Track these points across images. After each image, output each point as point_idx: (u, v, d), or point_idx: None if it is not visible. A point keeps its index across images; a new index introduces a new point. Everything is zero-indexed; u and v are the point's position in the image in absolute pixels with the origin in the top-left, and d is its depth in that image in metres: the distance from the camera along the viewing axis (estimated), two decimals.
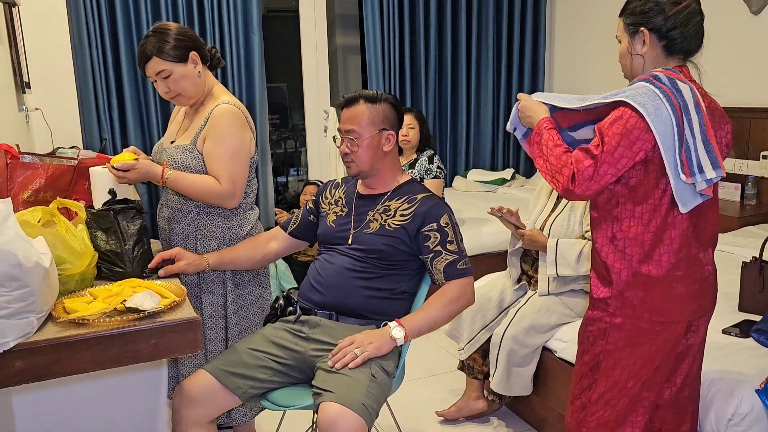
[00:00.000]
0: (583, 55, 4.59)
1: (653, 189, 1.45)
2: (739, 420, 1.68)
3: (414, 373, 2.84)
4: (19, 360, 1.25)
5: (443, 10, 4.46)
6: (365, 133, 1.81)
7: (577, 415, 1.62)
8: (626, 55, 1.55)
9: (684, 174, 1.39)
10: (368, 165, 1.84)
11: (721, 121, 1.53)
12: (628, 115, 1.40)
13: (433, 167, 3.28)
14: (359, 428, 1.52)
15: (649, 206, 1.47)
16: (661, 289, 1.48)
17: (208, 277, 1.97)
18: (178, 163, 1.91)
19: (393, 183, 1.89)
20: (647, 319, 1.50)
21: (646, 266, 1.48)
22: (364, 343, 1.66)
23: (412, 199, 1.83)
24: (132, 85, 3.64)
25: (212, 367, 1.73)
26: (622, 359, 1.53)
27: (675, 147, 1.38)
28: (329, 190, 2.01)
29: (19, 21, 3.02)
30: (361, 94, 1.84)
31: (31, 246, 1.24)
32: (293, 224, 2.02)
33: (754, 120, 3.48)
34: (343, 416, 1.51)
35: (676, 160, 1.39)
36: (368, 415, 1.55)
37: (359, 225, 1.85)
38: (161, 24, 1.91)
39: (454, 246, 1.78)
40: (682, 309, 1.51)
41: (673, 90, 1.40)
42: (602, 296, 1.54)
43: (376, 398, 1.60)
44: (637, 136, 1.39)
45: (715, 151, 1.41)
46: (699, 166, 1.39)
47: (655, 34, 1.49)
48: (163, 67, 1.86)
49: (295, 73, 4.38)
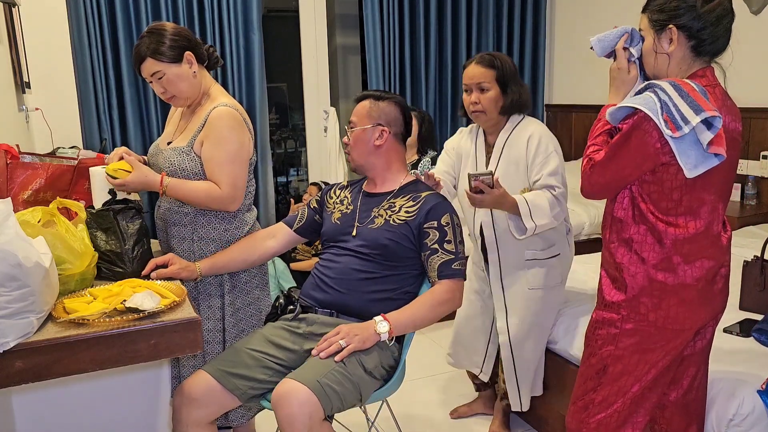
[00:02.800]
0: (583, 56, 4.58)
1: (673, 198, 1.44)
2: (740, 420, 1.67)
3: (414, 373, 2.84)
4: (19, 360, 1.25)
5: (443, 10, 4.46)
6: (360, 124, 1.87)
7: (578, 416, 1.62)
8: (650, 53, 1.49)
9: (670, 130, 1.34)
10: (361, 158, 1.89)
11: (736, 119, 1.49)
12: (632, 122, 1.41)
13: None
14: (310, 404, 1.51)
15: (665, 215, 1.45)
16: (676, 298, 1.47)
17: (205, 279, 1.97)
18: (174, 165, 1.90)
19: (398, 182, 1.91)
20: (660, 327, 1.48)
21: (662, 273, 1.46)
22: (349, 335, 1.67)
23: (416, 197, 1.85)
24: (132, 85, 3.64)
25: (212, 368, 1.73)
26: (630, 365, 1.52)
27: (658, 111, 1.35)
28: (335, 190, 2.03)
29: (19, 21, 3.02)
30: (371, 93, 1.91)
31: (31, 246, 1.24)
32: (299, 221, 2.02)
33: (754, 120, 3.48)
34: (295, 391, 1.52)
35: (660, 121, 1.35)
36: (323, 394, 1.54)
37: (364, 220, 1.87)
38: (156, 24, 1.89)
39: (451, 246, 1.78)
40: (695, 317, 1.49)
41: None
42: (614, 299, 1.52)
43: (338, 381, 1.58)
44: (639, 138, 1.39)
45: (695, 100, 1.34)
46: (683, 118, 1.33)
47: (684, 32, 1.43)
48: (157, 68, 1.85)
49: (295, 73, 4.38)
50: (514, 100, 2.11)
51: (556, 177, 2.05)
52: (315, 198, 2.05)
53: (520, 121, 2.16)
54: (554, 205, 2.03)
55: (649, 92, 1.38)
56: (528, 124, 2.15)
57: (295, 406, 1.51)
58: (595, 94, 4.38)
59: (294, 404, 1.51)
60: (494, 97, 2.10)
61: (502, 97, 2.11)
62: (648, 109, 1.36)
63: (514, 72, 2.12)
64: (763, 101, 3.44)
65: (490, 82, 2.09)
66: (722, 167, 1.43)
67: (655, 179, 1.44)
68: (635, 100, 1.39)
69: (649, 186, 1.45)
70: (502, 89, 2.10)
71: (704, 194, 1.44)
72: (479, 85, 2.09)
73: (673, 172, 1.41)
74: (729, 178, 1.51)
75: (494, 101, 2.10)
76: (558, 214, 2.04)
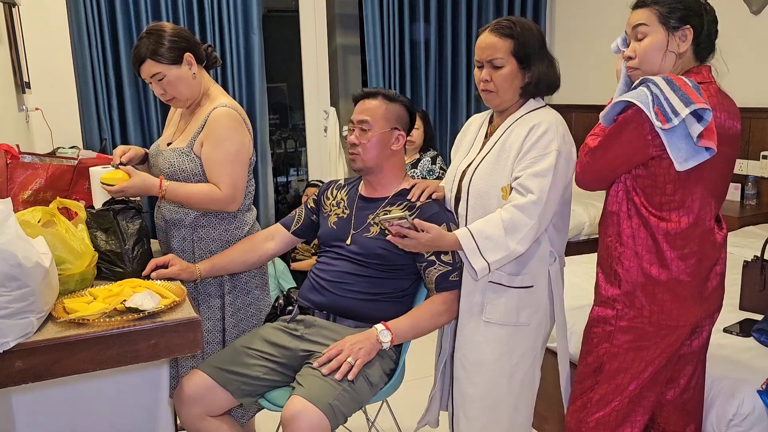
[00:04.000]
0: (583, 56, 4.58)
1: (666, 193, 1.44)
2: (740, 420, 1.67)
3: (414, 373, 2.84)
4: (19, 360, 1.25)
5: (443, 10, 4.46)
6: (377, 126, 1.80)
7: (577, 415, 1.62)
8: (659, 50, 1.45)
9: (660, 122, 1.34)
10: (373, 161, 1.82)
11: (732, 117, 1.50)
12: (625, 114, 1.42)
13: (436, 168, 3.28)
14: (320, 428, 1.51)
15: (658, 210, 1.46)
16: (670, 294, 1.47)
17: (204, 280, 1.97)
18: (174, 166, 1.90)
19: (395, 187, 1.87)
20: (654, 322, 1.49)
21: (656, 268, 1.47)
22: (354, 350, 1.65)
23: (412, 206, 1.81)
24: (132, 85, 3.64)
25: (207, 366, 1.75)
26: (626, 362, 1.52)
27: (650, 104, 1.36)
28: (331, 190, 1.99)
29: (19, 21, 3.01)
30: (380, 91, 1.84)
31: (31, 246, 1.24)
32: (296, 223, 2.01)
33: (754, 120, 3.48)
34: (306, 412, 1.51)
35: (651, 113, 1.35)
36: (333, 416, 1.54)
37: (359, 227, 1.84)
38: (156, 24, 1.88)
39: (448, 257, 1.75)
40: (689, 313, 1.50)
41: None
42: (609, 294, 1.53)
43: (346, 403, 1.59)
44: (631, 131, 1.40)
45: (686, 93, 1.34)
46: (673, 110, 1.34)
47: (695, 32, 1.44)
48: (157, 70, 1.84)
49: (295, 73, 4.38)
50: (537, 80, 1.65)
51: (539, 180, 1.57)
52: (312, 197, 2.03)
53: (536, 109, 1.69)
54: (517, 226, 1.56)
55: (642, 86, 1.39)
56: (545, 113, 1.67)
57: (305, 429, 1.51)
58: (595, 94, 4.38)
59: (305, 428, 1.51)
60: (509, 75, 1.64)
61: (520, 75, 1.65)
62: (639, 101, 1.37)
63: (539, 44, 1.66)
64: (763, 101, 3.44)
65: (504, 55, 1.63)
66: (717, 164, 1.43)
67: (648, 173, 1.44)
68: (628, 95, 1.40)
69: (643, 180, 1.46)
70: (522, 65, 1.65)
71: (697, 190, 1.44)
72: (491, 60, 1.64)
73: (666, 166, 1.41)
74: (725, 176, 1.51)
75: (509, 80, 1.65)
76: (526, 237, 1.57)
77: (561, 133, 1.62)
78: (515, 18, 1.66)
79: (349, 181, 2.01)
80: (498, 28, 1.64)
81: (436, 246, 1.61)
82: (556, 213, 1.66)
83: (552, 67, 1.68)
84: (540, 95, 1.70)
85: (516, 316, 1.70)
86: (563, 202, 1.69)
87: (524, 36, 1.63)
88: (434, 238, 1.57)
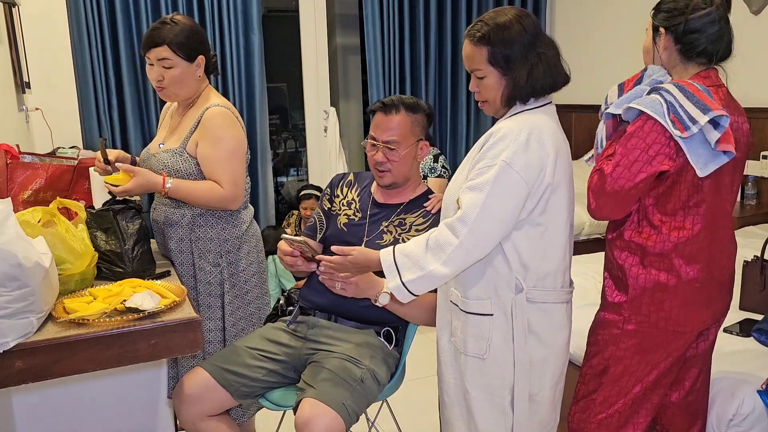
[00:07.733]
0: (582, 56, 4.58)
1: (681, 199, 1.44)
2: (740, 420, 1.67)
3: (414, 373, 2.84)
4: (19, 360, 1.25)
5: (443, 10, 4.46)
6: (405, 143, 1.77)
7: (579, 416, 1.62)
8: (648, 52, 1.56)
9: (678, 130, 1.36)
10: (403, 176, 1.81)
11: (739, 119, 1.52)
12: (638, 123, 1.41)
13: (438, 166, 3.28)
14: (336, 427, 1.51)
15: (671, 217, 1.45)
16: (678, 299, 1.47)
17: (205, 279, 1.97)
18: (168, 167, 1.89)
19: (411, 193, 1.86)
20: (661, 327, 1.48)
21: (664, 275, 1.46)
22: (349, 286, 1.61)
23: (427, 213, 1.81)
24: (132, 85, 3.64)
25: (208, 364, 1.75)
26: (631, 366, 1.52)
27: (665, 113, 1.37)
28: (341, 187, 1.97)
29: (19, 21, 3.02)
30: (402, 101, 1.77)
31: (31, 246, 1.24)
32: (321, 231, 1.94)
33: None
34: (321, 414, 1.51)
35: (668, 122, 1.36)
36: (347, 416, 1.54)
37: (372, 234, 1.83)
38: (182, 16, 1.89)
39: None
40: (696, 319, 1.50)
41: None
42: (617, 300, 1.53)
43: (358, 402, 1.59)
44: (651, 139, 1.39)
45: (701, 100, 1.37)
46: (690, 118, 1.35)
47: (671, 36, 1.49)
48: (169, 57, 1.84)
49: (295, 73, 4.38)
50: (515, 86, 1.45)
51: (472, 194, 1.39)
52: (325, 195, 1.99)
53: (518, 113, 1.49)
54: (442, 246, 1.39)
55: (655, 94, 1.39)
56: (519, 119, 1.46)
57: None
58: (595, 95, 4.37)
59: (321, 431, 1.49)
60: (493, 85, 1.48)
61: (503, 82, 1.47)
62: (654, 111, 1.37)
63: (523, 42, 1.44)
64: (763, 101, 3.44)
65: (482, 66, 1.46)
66: (728, 168, 1.44)
67: (660, 180, 1.44)
68: (642, 102, 1.40)
69: (655, 188, 1.46)
70: (503, 71, 1.46)
71: (710, 195, 1.45)
72: (473, 71, 1.50)
73: (678, 172, 1.41)
74: (735, 180, 1.51)
75: (495, 89, 1.48)
76: (452, 258, 1.38)
77: (521, 141, 1.39)
78: (489, 16, 1.46)
79: (358, 177, 1.98)
80: (471, 35, 1.46)
81: (364, 266, 1.53)
82: (520, 238, 1.44)
83: (538, 69, 1.45)
84: (534, 96, 1.48)
85: (467, 344, 1.50)
86: (534, 227, 1.44)
87: (501, 38, 1.43)
88: (358, 259, 1.51)
